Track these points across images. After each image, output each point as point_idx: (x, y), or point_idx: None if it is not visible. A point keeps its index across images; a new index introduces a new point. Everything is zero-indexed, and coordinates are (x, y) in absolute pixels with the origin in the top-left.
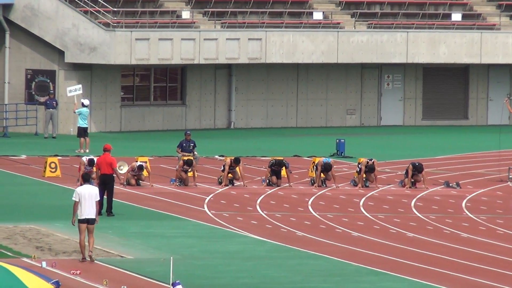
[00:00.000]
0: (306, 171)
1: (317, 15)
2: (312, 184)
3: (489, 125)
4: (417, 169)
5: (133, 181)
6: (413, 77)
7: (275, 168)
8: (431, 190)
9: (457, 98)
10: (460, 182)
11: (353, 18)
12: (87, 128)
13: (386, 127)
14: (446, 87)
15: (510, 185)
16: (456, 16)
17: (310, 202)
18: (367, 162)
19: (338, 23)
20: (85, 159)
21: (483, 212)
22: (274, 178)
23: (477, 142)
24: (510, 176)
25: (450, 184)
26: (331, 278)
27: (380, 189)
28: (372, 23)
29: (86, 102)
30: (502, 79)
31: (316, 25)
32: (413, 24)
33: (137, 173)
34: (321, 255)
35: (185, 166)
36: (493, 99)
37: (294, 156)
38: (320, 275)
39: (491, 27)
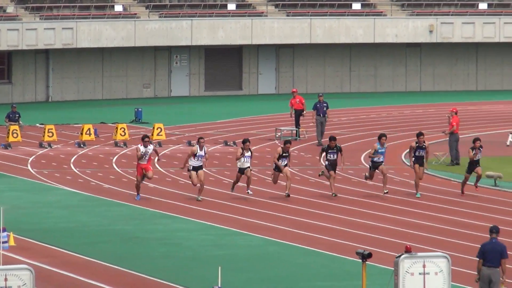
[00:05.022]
0: (111, 135)
1: (118, 8)
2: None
3: (259, 94)
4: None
5: None
6: (197, 57)
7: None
8: (212, 148)
9: (233, 72)
10: (236, 141)
11: (148, 10)
12: None
13: (175, 98)
14: (224, 64)
15: (277, 143)
16: (231, 6)
17: (114, 160)
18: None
19: (135, 14)
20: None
21: (255, 165)
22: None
23: (250, 108)
24: (277, 136)
25: (228, 143)
26: (132, 221)
27: (170, 148)
28: (163, 13)
29: None
30: (269, 56)
31: (117, 16)
32: (196, 13)
33: None
34: (124, 203)
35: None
36: (262, 73)
37: (101, 123)
38: (123, 219)
39: (260, 14)
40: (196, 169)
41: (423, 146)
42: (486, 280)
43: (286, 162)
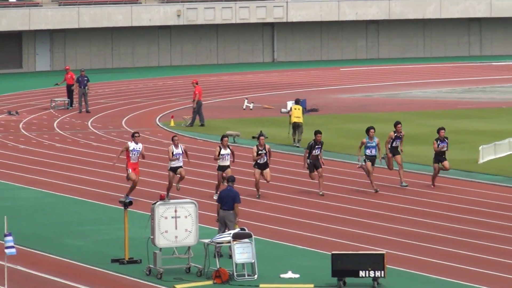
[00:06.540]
0: None
1: None
2: None
3: (36, 71)
4: None
5: None
6: None
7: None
8: None
9: (14, 54)
10: (18, 110)
11: None
12: None
13: None
14: (7, 47)
15: (52, 111)
16: None
17: None
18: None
19: None
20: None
21: (34, 130)
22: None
23: (29, 83)
24: (52, 105)
25: (11, 112)
26: None
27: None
28: None
29: None
30: (45, 39)
31: None
32: None
33: None
34: None
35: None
36: (39, 53)
37: None
38: None
39: (36, 4)
40: (174, 170)
41: (401, 136)
42: (222, 221)
43: (265, 160)
